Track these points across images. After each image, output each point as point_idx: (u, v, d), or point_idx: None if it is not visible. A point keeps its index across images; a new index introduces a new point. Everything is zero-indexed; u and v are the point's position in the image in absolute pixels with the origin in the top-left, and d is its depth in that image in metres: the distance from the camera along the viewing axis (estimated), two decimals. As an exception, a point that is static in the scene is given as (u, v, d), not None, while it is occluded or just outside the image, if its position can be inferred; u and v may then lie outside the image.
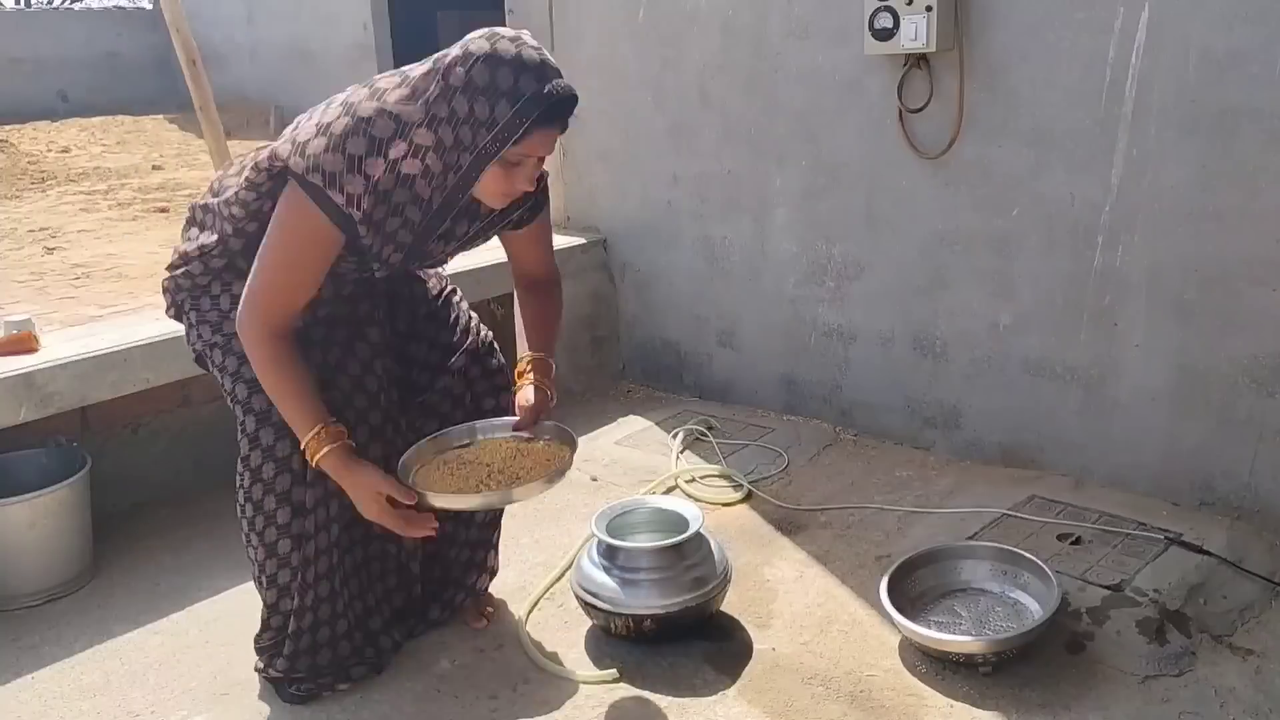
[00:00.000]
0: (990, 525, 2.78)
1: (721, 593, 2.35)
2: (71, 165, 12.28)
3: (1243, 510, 2.75)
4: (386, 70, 2.00)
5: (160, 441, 3.09)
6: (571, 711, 2.12)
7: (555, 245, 4.12)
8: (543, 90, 1.74)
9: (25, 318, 2.79)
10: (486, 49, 1.76)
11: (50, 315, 3.45)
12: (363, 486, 1.90)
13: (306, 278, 1.89)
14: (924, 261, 3.21)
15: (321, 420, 1.89)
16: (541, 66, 1.77)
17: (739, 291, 3.71)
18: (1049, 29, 2.82)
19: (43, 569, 2.61)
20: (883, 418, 3.43)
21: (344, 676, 2.18)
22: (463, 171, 1.80)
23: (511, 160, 1.80)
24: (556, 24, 4.08)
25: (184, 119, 15.36)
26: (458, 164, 1.80)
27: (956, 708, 2.09)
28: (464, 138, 1.77)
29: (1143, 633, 2.26)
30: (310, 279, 1.89)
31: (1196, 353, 2.75)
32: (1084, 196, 2.85)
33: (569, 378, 4.01)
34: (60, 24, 18.46)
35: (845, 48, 3.21)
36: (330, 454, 1.89)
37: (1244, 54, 2.53)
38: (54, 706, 2.21)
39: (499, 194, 1.86)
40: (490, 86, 1.74)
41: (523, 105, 1.73)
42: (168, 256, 2.14)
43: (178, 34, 5.32)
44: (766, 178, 3.53)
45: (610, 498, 2.98)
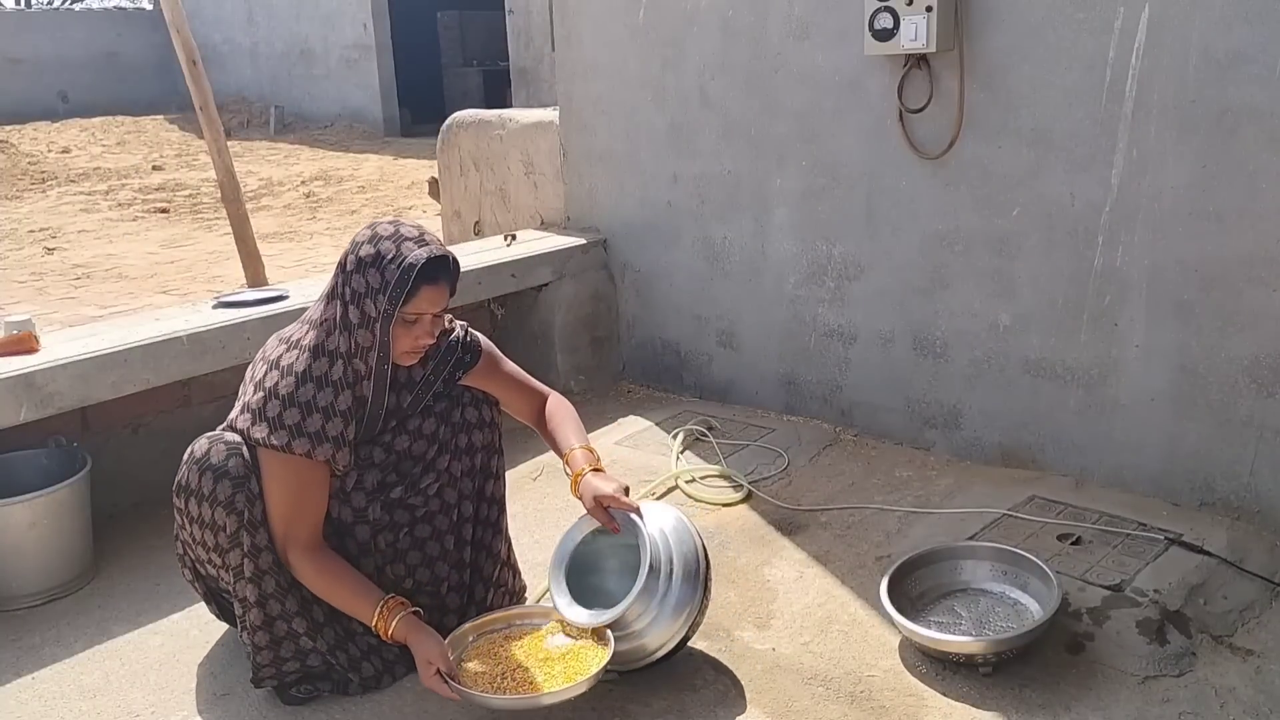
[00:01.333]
0: (990, 525, 2.78)
1: (699, 618, 2.18)
2: (71, 165, 12.30)
3: (1243, 510, 2.75)
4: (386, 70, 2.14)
5: (160, 441, 3.09)
6: (572, 712, 2.12)
7: (556, 246, 4.16)
8: (422, 250, 2.04)
9: (25, 318, 2.79)
10: (369, 234, 2.09)
11: (50, 315, 3.45)
12: (421, 656, 2.03)
13: (310, 505, 2.13)
14: (924, 261, 3.21)
15: (380, 598, 2.09)
16: (420, 236, 2.09)
17: (739, 291, 3.72)
18: (1049, 29, 2.82)
19: (43, 569, 2.61)
20: (883, 418, 3.43)
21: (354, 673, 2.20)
22: (378, 341, 2.07)
23: (408, 319, 2.07)
24: (556, 24, 4.08)
25: (184, 119, 15.41)
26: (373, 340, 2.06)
27: (956, 708, 2.09)
28: (368, 310, 2.05)
29: (1143, 633, 2.26)
30: (316, 504, 2.14)
31: (1196, 353, 2.75)
32: (1084, 196, 2.85)
33: (569, 377, 4.01)
34: (60, 24, 18.49)
35: (845, 48, 3.21)
36: (400, 624, 2.06)
37: (1244, 54, 2.53)
38: (54, 707, 2.21)
39: (404, 351, 2.12)
40: (376, 258, 2.04)
41: (405, 265, 2.02)
42: (168, 256, 2.15)
43: (178, 34, 5.32)
44: (766, 178, 3.53)
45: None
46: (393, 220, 2.12)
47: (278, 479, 2.08)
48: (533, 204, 4.40)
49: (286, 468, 2.07)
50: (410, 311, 2.06)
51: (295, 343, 2.12)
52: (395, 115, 15.38)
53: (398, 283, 2.01)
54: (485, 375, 2.38)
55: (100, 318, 3.36)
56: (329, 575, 2.11)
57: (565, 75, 4.07)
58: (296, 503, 2.09)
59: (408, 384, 2.23)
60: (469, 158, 4.68)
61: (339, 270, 2.09)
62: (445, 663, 2.01)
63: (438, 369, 2.28)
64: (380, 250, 2.04)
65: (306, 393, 2.05)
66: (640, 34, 3.76)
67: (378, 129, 15.19)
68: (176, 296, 6.16)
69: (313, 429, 2.05)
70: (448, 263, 2.09)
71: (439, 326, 2.14)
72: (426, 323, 2.10)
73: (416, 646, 2.03)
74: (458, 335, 2.33)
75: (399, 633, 2.05)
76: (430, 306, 2.08)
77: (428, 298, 2.06)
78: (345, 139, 14.55)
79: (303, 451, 2.05)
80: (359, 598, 2.09)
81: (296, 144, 14.11)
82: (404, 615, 2.06)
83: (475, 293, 3.71)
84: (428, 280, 2.04)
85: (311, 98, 16.35)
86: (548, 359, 3.99)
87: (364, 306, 2.05)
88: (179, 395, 3.11)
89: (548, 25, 3.99)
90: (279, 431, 2.04)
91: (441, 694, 2.02)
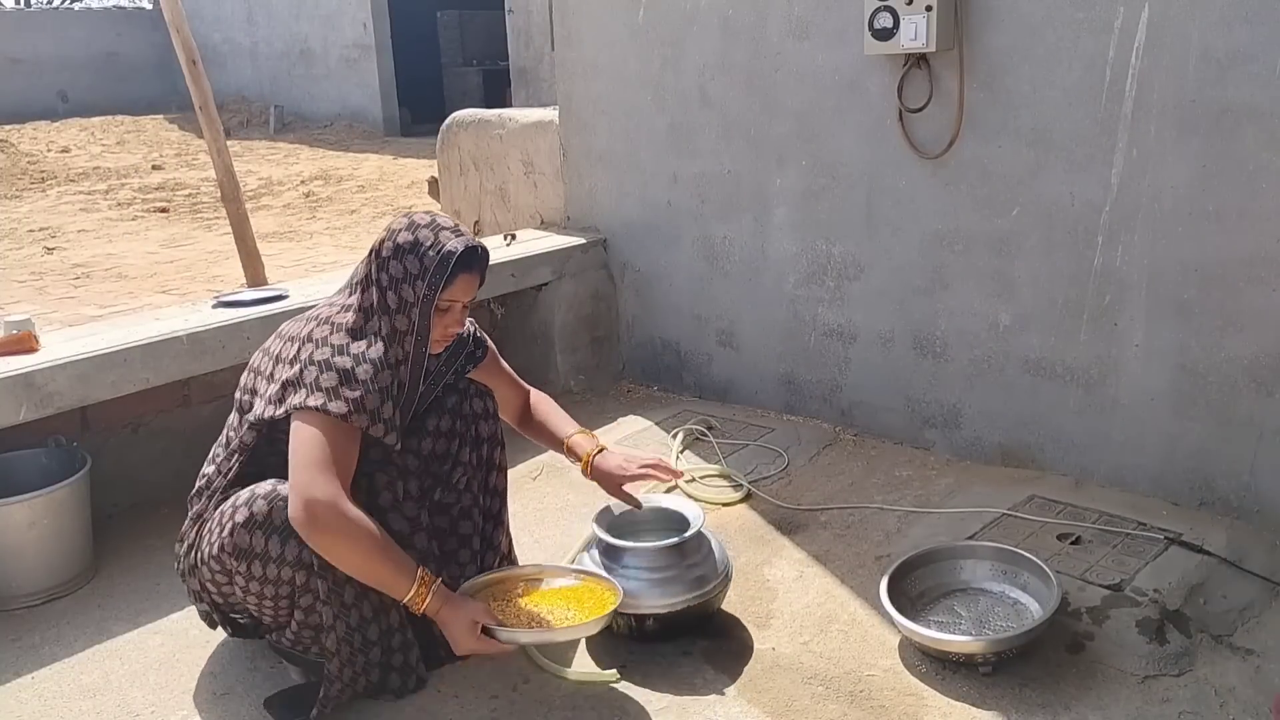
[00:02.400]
0: (990, 525, 2.78)
1: (723, 592, 2.35)
2: (71, 165, 12.30)
3: (1243, 510, 2.75)
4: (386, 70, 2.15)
5: (160, 441, 3.09)
6: (571, 712, 2.12)
7: (556, 245, 4.16)
8: (459, 239, 2.10)
9: (25, 317, 2.78)
10: (406, 223, 2.13)
11: (50, 315, 3.45)
12: (465, 618, 2.01)
13: (350, 464, 2.02)
14: (924, 261, 3.21)
15: (416, 565, 2.03)
16: (455, 227, 2.14)
17: (739, 291, 3.72)
18: (1049, 29, 2.82)
19: (43, 569, 2.61)
20: (883, 417, 3.43)
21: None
22: (417, 326, 2.10)
23: (442, 307, 2.12)
24: (556, 24, 4.08)
25: (184, 119, 15.41)
26: (410, 325, 2.09)
27: (956, 708, 2.09)
28: (406, 295, 2.08)
29: (1143, 632, 2.26)
30: (352, 465, 2.03)
31: (1196, 353, 2.75)
32: (1084, 196, 2.85)
33: (568, 377, 4.01)
34: (60, 24, 18.49)
35: (845, 48, 3.21)
36: (434, 598, 2.02)
37: (1244, 54, 2.53)
38: (54, 706, 2.21)
39: (436, 339, 2.16)
40: (415, 245, 2.09)
41: (444, 252, 2.07)
42: (167, 256, 2.16)
43: (178, 34, 5.32)
44: (766, 178, 3.53)
45: (610, 497, 2.98)
46: (428, 212, 2.19)
47: (322, 438, 1.97)
48: (533, 204, 4.40)
49: (336, 429, 1.98)
50: (446, 298, 2.11)
51: (335, 325, 2.09)
52: (395, 115, 15.37)
53: (437, 268, 2.06)
54: (487, 370, 2.45)
55: (100, 317, 3.35)
56: (370, 529, 1.96)
57: (565, 75, 4.07)
58: (343, 458, 1.99)
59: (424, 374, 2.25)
60: (469, 157, 4.68)
61: (373, 257, 2.11)
62: (490, 616, 2.03)
63: (449, 361, 2.33)
64: (419, 238, 2.09)
65: (350, 364, 2.02)
66: (640, 34, 3.76)
67: (377, 129, 15.19)
68: (176, 296, 6.16)
69: (369, 405, 2.01)
70: (479, 253, 2.15)
71: (466, 315, 2.21)
72: (458, 311, 2.16)
73: (458, 610, 2.01)
74: (468, 330, 2.39)
75: (437, 599, 2.01)
76: (464, 295, 2.13)
77: (463, 285, 2.12)
78: (345, 139, 14.55)
79: (361, 425, 2.00)
80: (398, 561, 1.99)
81: (296, 144, 14.11)
82: (439, 584, 2.03)
83: (475, 292, 3.71)
84: (465, 268, 2.10)
85: (311, 97, 16.35)
86: (548, 359, 3.99)
87: (402, 292, 2.08)
88: (179, 395, 3.11)
89: (548, 25, 3.99)
90: (336, 400, 1.98)
91: (488, 652, 2.03)
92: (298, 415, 2.00)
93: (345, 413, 1.98)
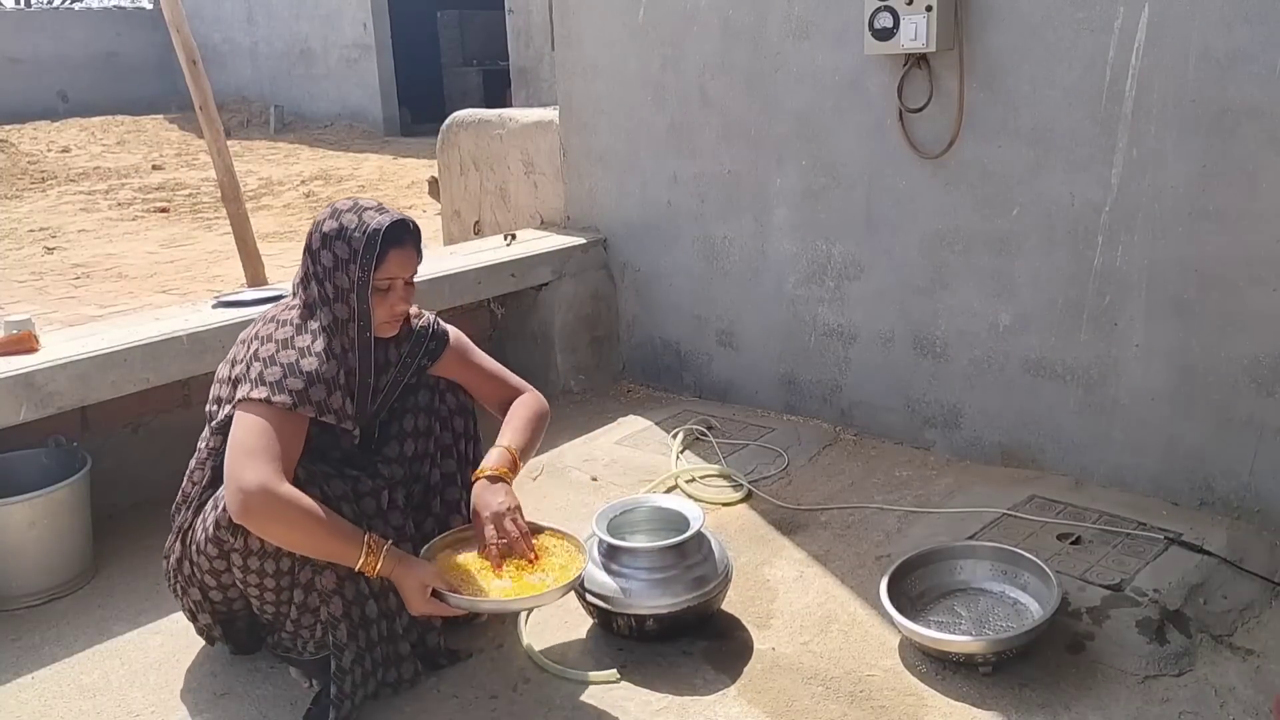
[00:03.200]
0: (990, 525, 2.78)
1: (723, 592, 2.35)
2: (71, 165, 12.30)
3: (1243, 510, 2.75)
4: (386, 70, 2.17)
5: (160, 441, 3.09)
6: (572, 712, 2.12)
7: (556, 245, 4.15)
8: (384, 216, 2.09)
9: (25, 317, 2.78)
10: (329, 212, 2.13)
11: (50, 315, 3.45)
12: (415, 580, 2.01)
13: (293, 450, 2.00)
14: (924, 261, 3.21)
15: (363, 531, 2.03)
16: (379, 206, 2.13)
17: (739, 291, 3.71)
18: (1049, 29, 2.82)
19: (43, 569, 2.61)
20: (883, 418, 3.43)
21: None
22: (358, 311, 2.09)
23: (380, 287, 2.10)
24: (556, 24, 4.08)
25: (184, 119, 15.40)
26: (352, 311, 2.08)
27: (956, 708, 2.09)
28: (341, 282, 2.07)
29: (1143, 632, 2.26)
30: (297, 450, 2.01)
31: (1196, 353, 2.75)
32: (1084, 196, 2.85)
33: (568, 377, 4.01)
34: (60, 24, 18.49)
35: (845, 48, 3.21)
36: (390, 552, 2.02)
37: (1244, 54, 2.53)
38: (54, 706, 2.21)
39: (383, 321, 2.14)
40: (340, 230, 2.08)
41: (370, 231, 2.06)
42: (168, 256, 2.17)
43: (178, 34, 5.32)
44: (766, 178, 3.53)
45: (610, 497, 2.98)
46: (351, 197, 2.18)
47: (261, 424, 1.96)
48: (533, 204, 4.40)
49: (276, 416, 1.98)
50: (382, 277, 2.08)
51: (280, 322, 2.11)
52: (395, 115, 15.38)
53: (365, 249, 2.05)
54: (454, 364, 2.38)
55: (100, 317, 3.35)
56: (310, 505, 1.94)
57: (565, 75, 4.07)
58: (282, 441, 1.97)
59: (383, 365, 2.24)
60: (469, 157, 4.68)
61: (305, 253, 2.12)
62: (441, 580, 2.02)
63: (412, 351, 2.29)
64: (343, 223, 2.08)
65: (294, 358, 2.03)
66: (640, 34, 3.76)
67: (377, 128, 15.19)
68: (176, 296, 6.16)
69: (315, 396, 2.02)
70: (409, 226, 2.13)
71: (411, 293, 2.18)
72: (400, 288, 2.13)
73: (410, 570, 2.01)
74: (427, 323, 2.34)
75: (389, 562, 2.00)
76: (400, 270, 2.11)
77: (397, 261, 2.09)
78: (345, 138, 14.55)
79: (309, 414, 2.01)
80: (342, 529, 1.98)
81: (296, 143, 14.11)
82: (390, 546, 2.03)
83: (475, 292, 3.71)
84: (394, 244, 2.08)
85: (311, 97, 16.35)
86: (548, 359, 3.99)
87: (336, 280, 2.08)
88: (179, 395, 3.11)
89: (548, 25, 3.99)
90: (280, 393, 1.98)
91: (439, 614, 2.04)
92: (241, 407, 2.00)
93: (290, 404, 1.99)
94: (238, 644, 2.29)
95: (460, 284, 3.61)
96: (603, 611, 2.28)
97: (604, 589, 2.27)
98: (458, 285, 3.59)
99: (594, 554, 2.35)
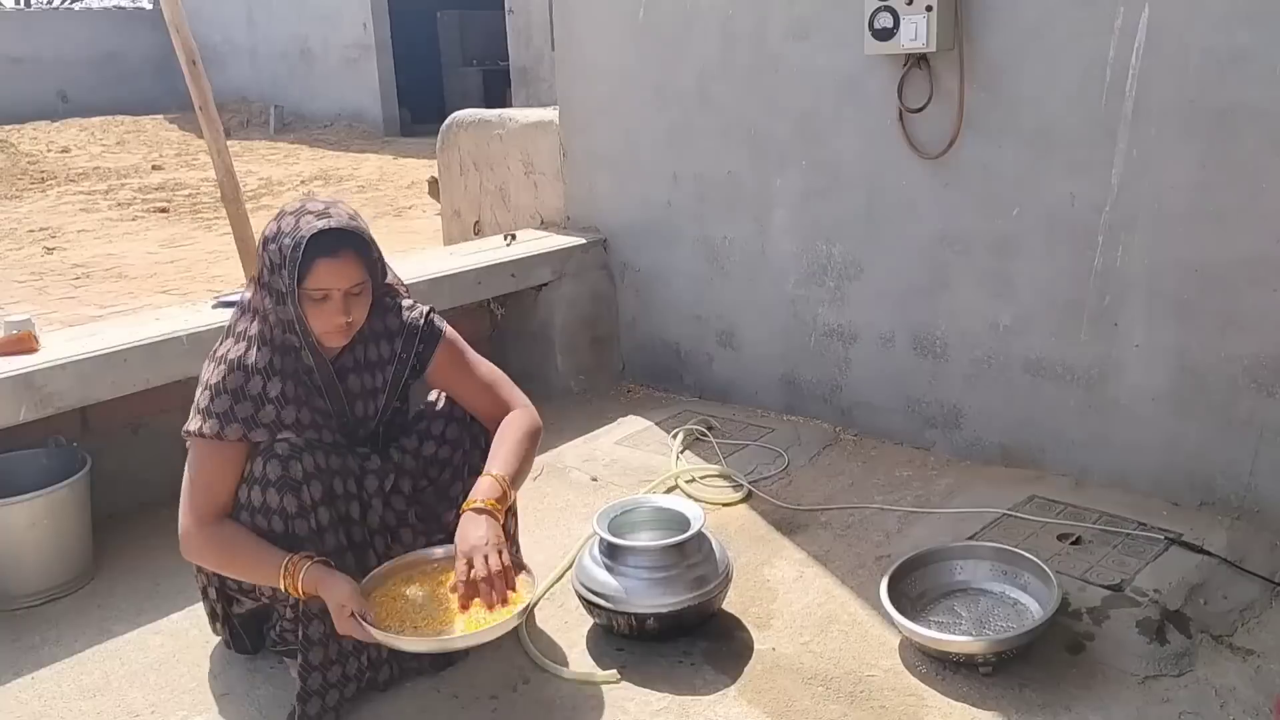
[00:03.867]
0: (990, 525, 2.78)
1: (723, 591, 2.35)
2: (71, 165, 12.30)
3: (1243, 510, 2.75)
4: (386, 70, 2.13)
5: (160, 441, 3.08)
6: (571, 712, 2.12)
7: (556, 245, 4.15)
8: (319, 222, 1.97)
9: (25, 318, 2.78)
10: (277, 212, 2.05)
11: (50, 315, 3.45)
12: (334, 599, 1.96)
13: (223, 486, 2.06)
14: (924, 261, 3.21)
15: (284, 556, 2.00)
16: (324, 210, 2.01)
17: (739, 292, 3.71)
18: (1049, 29, 2.82)
19: (43, 569, 2.61)
20: (883, 418, 3.43)
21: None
22: (296, 320, 2.01)
23: (314, 296, 2.00)
24: (557, 24, 4.08)
25: (184, 119, 15.40)
26: (290, 321, 2.02)
27: (957, 708, 2.09)
28: (276, 286, 2.00)
29: (1143, 633, 2.26)
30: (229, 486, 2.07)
31: (1196, 353, 2.75)
32: (1084, 196, 2.85)
33: (568, 377, 4.01)
34: (60, 24, 18.49)
35: (845, 48, 3.21)
36: (309, 573, 1.97)
37: (1244, 54, 2.53)
38: (54, 706, 2.21)
39: (324, 331, 2.04)
40: (277, 234, 2.00)
41: (297, 238, 1.96)
42: (168, 256, 2.17)
43: (178, 34, 5.31)
44: (766, 178, 3.53)
45: (610, 497, 2.98)
46: (304, 196, 2.10)
47: (193, 461, 2.06)
48: (533, 204, 4.40)
49: (203, 450, 2.04)
50: (313, 287, 1.98)
51: (240, 334, 2.09)
52: (395, 115, 15.38)
53: (290, 257, 1.95)
54: (444, 369, 2.27)
55: (100, 318, 3.35)
56: (230, 542, 2.02)
57: (565, 75, 4.07)
58: (212, 475, 2.04)
59: (377, 363, 2.18)
60: (469, 157, 4.68)
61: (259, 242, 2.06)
62: (357, 603, 1.94)
63: (405, 346, 2.21)
64: (281, 226, 2.00)
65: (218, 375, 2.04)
66: (640, 34, 3.76)
67: (377, 129, 15.18)
68: (176, 296, 6.16)
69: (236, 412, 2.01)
70: (352, 235, 2.00)
71: (357, 305, 2.05)
72: (337, 299, 2.00)
73: (328, 591, 1.95)
74: (419, 315, 2.24)
75: (309, 583, 1.96)
76: (334, 281, 1.98)
77: (328, 270, 1.97)
78: (345, 139, 14.55)
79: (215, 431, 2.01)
80: (262, 560, 2.00)
81: (296, 144, 14.10)
82: (312, 565, 1.97)
83: (475, 292, 3.71)
84: (324, 253, 1.96)
85: (311, 97, 16.35)
86: (548, 359, 3.99)
87: (272, 284, 2.01)
88: (179, 395, 3.10)
89: (548, 25, 3.99)
90: (209, 420, 2.01)
91: (357, 637, 1.96)
92: (186, 435, 2.07)
93: (215, 431, 2.01)
94: (239, 643, 2.30)
95: (460, 284, 3.61)
96: (603, 611, 2.28)
97: (604, 588, 2.27)
98: (458, 285, 3.59)
99: (594, 553, 2.35)
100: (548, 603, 2.52)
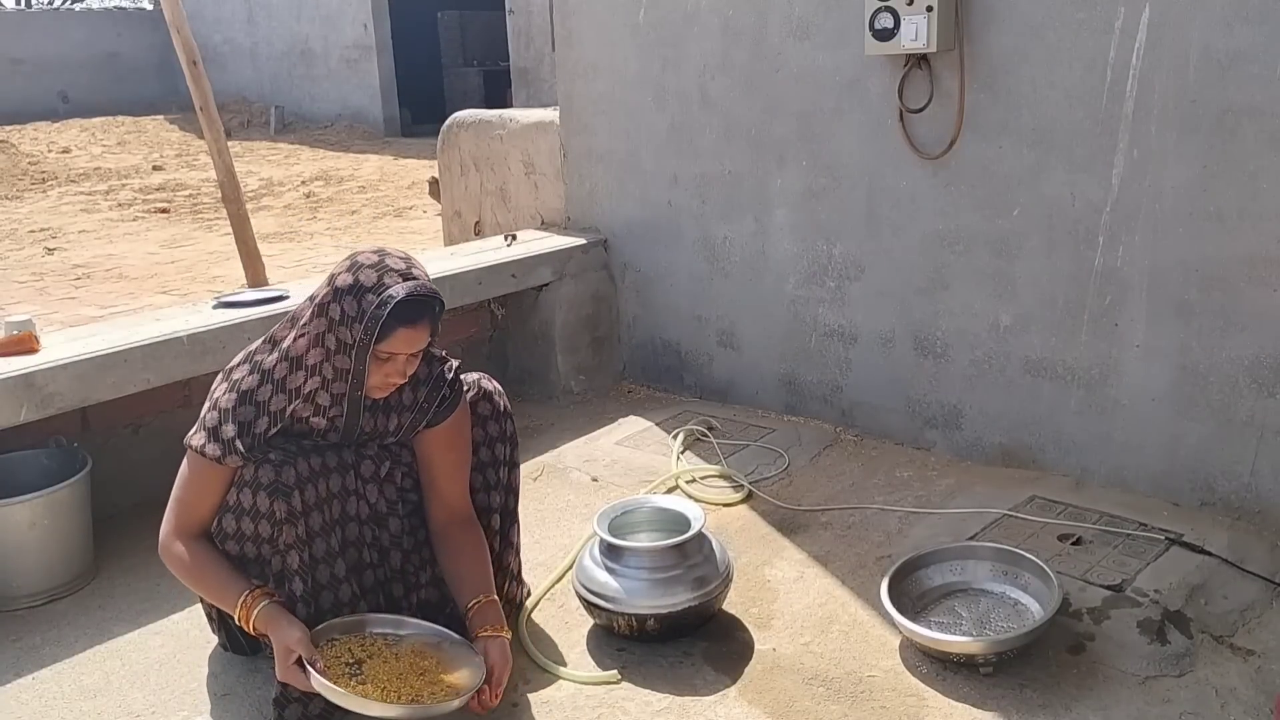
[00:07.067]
0: (991, 526, 2.78)
1: (724, 592, 2.35)
2: (72, 166, 12.31)
3: (1243, 510, 2.75)
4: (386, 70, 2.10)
5: (160, 442, 3.09)
6: (572, 711, 2.12)
7: (556, 246, 4.16)
8: (402, 287, 1.96)
9: (25, 318, 2.78)
10: (348, 264, 2.03)
11: (50, 315, 3.45)
12: (281, 644, 1.94)
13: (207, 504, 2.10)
14: (924, 262, 3.21)
15: (246, 587, 2.03)
16: (408, 270, 2.01)
17: (739, 292, 3.71)
18: (1049, 29, 2.82)
19: (43, 569, 2.61)
20: (883, 418, 3.43)
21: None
22: (353, 368, 2.02)
23: (381, 356, 2.01)
24: (557, 24, 4.08)
25: (184, 119, 15.43)
26: (347, 370, 2.02)
27: (957, 708, 2.09)
28: (344, 337, 1.99)
29: (1143, 633, 2.26)
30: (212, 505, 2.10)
31: (1197, 353, 2.75)
32: (1084, 196, 2.85)
33: (569, 377, 4.01)
34: (60, 24, 18.51)
35: (845, 48, 3.21)
36: (262, 612, 1.99)
37: (1244, 54, 2.53)
38: (54, 706, 2.21)
39: (375, 385, 2.06)
40: (355, 287, 1.98)
41: (384, 301, 1.95)
42: (168, 256, 2.16)
43: (178, 34, 5.32)
44: (767, 178, 3.53)
45: (611, 498, 2.98)
46: (378, 249, 2.05)
47: (183, 475, 2.10)
48: (533, 204, 4.40)
49: (197, 463, 2.08)
50: (385, 350, 1.99)
51: (275, 343, 2.08)
52: (395, 115, 15.39)
53: (373, 317, 1.94)
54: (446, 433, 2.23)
55: (100, 318, 3.35)
56: (202, 561, 2.07)
57: (565, 75, 4.07)
58: (198, 494, 2.08)
59: (396, 407, 2.18)
60: (469, 158, 4.68)
61: (328, 284, 2.03)
62: (306, 649, 1.91)
63: (429, 397, 2.19)
64: (361, 280, 1.97)
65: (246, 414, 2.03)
66: (640, 34, 3.76)
67: (378, 129, 15.20)
68: (176, 296, 6.16)
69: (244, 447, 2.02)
70: (428, 306, 2.00)
71: (412, 366, 2.07)
72: (400, 362, 2.03)
73: (276, 634, 1.94)
74: (440, 372, 2.22)
75: (261, 621, 1.97)
76: (406, 347, 2.00)
77: (405, 339, 1.99)
78: (345, 139, 14.55)
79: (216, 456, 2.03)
80: (226, 587, 2.04)
81: (297, 144, 14.11)
82: (267, 604, 1.99)
83: (475, 293, 3.71)
84: (405, 322, 1.97)
85: (311, 98, 16.36)
86: (548, 359, 3.99)
87: (339, 334, 1.99)
88: (179, 395, 3.11)
89: (548, 25, 3.99)
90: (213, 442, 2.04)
91: (299, 685, 1.92)
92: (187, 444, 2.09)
93: (218, 455, 2.03)
94: (235, 645, 2.30)
95: (461, 284, 3.61)
96: (603, 611, 2.28)
97: (605, 589, 2.27)
98: (458, 286, 3.59)
99: (595, 553, 2.35)
100: (548, 603, 2.53)
